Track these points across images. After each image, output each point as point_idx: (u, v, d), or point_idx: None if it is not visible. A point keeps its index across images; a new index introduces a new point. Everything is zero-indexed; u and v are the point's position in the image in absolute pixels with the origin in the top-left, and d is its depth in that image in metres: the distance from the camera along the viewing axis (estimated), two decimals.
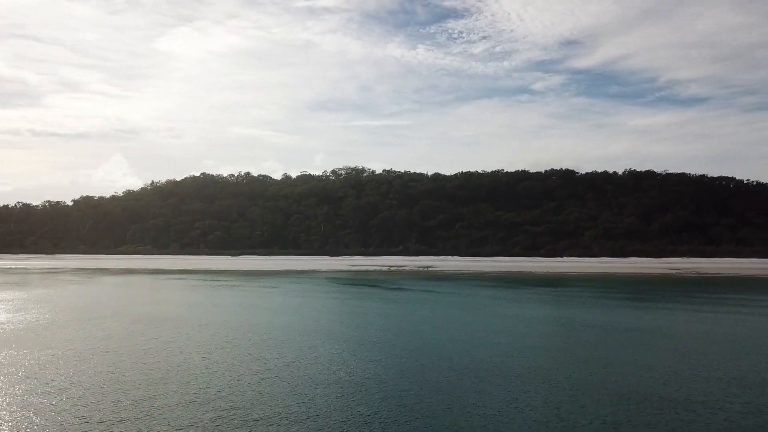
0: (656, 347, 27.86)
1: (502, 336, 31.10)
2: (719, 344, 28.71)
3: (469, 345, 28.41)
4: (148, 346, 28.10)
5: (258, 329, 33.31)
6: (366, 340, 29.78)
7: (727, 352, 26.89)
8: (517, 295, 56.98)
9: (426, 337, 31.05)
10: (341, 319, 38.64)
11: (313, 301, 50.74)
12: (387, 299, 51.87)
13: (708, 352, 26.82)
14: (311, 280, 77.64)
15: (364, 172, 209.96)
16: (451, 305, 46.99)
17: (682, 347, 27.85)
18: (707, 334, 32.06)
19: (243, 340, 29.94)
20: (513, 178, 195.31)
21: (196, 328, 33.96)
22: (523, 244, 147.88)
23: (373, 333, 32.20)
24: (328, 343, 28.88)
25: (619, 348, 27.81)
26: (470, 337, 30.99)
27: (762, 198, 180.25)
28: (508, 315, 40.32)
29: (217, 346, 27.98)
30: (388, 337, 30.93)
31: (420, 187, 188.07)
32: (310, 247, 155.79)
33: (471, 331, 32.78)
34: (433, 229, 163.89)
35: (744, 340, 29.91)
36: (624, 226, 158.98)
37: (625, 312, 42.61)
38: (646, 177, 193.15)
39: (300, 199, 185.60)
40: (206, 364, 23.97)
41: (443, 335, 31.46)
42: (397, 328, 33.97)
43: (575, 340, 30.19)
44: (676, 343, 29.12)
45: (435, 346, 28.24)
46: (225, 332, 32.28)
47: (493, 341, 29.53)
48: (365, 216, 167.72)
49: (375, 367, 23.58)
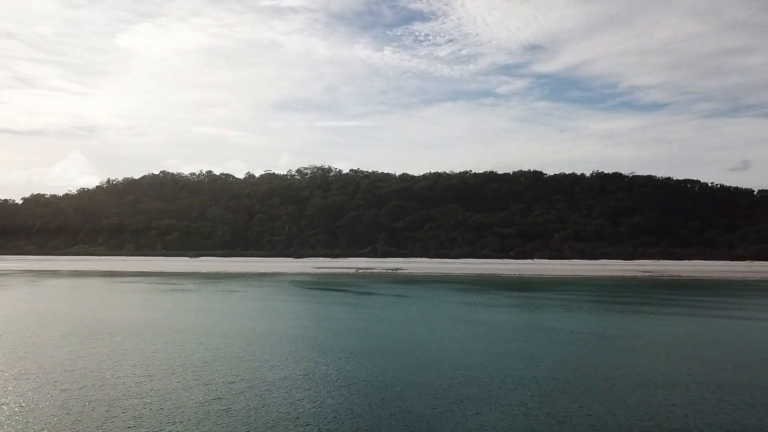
0: (647, 354, 24.41)
1: (475, 349, 27.24)
2: (705, 348, 25.46)
3: (447, 363, 24.44)
4: (72, 367, 23.21)
5: (208, 342, 28.65)
6: (332, 358, 25.50)
7: (714, 356, 23.58)
8: (490, 300, 53.38)
9: (398, 352, 26.94)
10: (303, 332, 34.18)
11: (272, 308, 46.11)
12: (355, 306, 47.61)
13: (692, 356, 23.47)
14: (273, 284, 72.74)
15: (331, 172, 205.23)
16: (423, 314, 43.01)
17: (667, 352, 24.46)
18: (694, 338, 28.87)
19: (190, 357, 25.30)
20: (481, 179, 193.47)
21: (135, 341, 29.07)
22: (492, 246, 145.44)
23: (338, 348, 27.93)
24: (290, 364, 24.47)
25: (607, 356, 24.24)
26: (446, 353, 27.02)
27: (726, 201, 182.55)
28: (482, 322, 36.58)
29: (159, 368, 23.26)
30: (355, 350, 26.73)
31: (388, 187, 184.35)
32: (273, 248, 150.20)
33: (450, 347, 28.80)
34: (402, 230, 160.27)
35: (730, 344, 26.77)
36: (593, 228, 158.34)
37: (611, 318, 39.39)
38: (613, 179, 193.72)
39: (263, 199, 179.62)
40: (141, 392, 19.31)
41: (417, 350, 27.40)
42: (366, 342, 29.79)
43: (561, 352, 26.53)
44: (663, 348, 25.75)
45: (410, 365, 24.16)
46: (171, 347, 27.51)
47: (468, 359, 25.62)
48: (332, 216, 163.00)
49: (342, 391, 19.34)
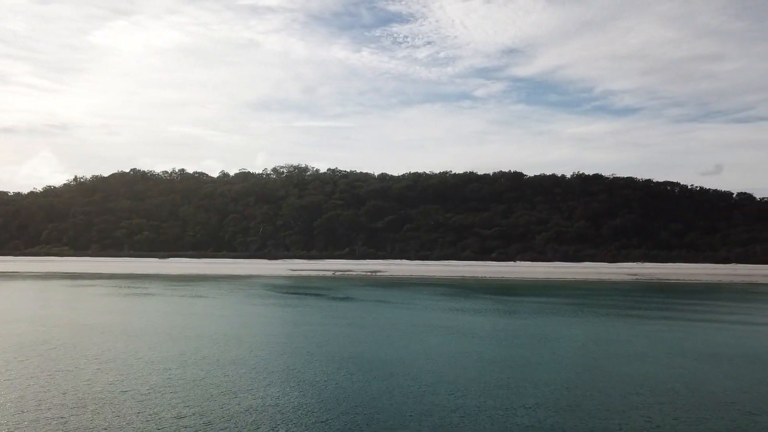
0: (661, 364, 20.23)
1: (473, 369, 22.77)
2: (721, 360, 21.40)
3: (444, 389, 19.88)
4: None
5: (161, 362, 23.65)
6: (306, 382, 20.76)
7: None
8: (477, 306, 49.04)
9: (384, 376, 22.32)
10: (274, 348, 29.33)
11: (240, 318, 41.16)
12: (331, 313, 42.87)
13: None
14: (244, 287, 67.57)
15: (308, 171, 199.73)
16: (407, 324, 38.44)
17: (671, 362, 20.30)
18: (703, 348, 24.86)
19: (135, 381, 20.32)
20: (461, 180, 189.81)
21: (72, 362, 23.95)
22: (473, 248, 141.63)
23: (314, 370, 23.20)
24: (257, 390, 19.63)
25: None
26: (442, 374, 22.47)
27: (705, 204, 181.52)
28: (473, 333, 32.18)
29: (94, 397, 18.25)
30: (333, 373, 22.03)
31: (367, 187, 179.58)
32: (246, 249, 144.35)
33: (444, 367, 24.26)
34: (381, 231, 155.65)
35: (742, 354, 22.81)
36: (575, 230, 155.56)
37: (613, 325, 35.32)
38: (593, 181, 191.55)
39: (237, 198, 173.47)
40: (77, 424, 14.39)
41: (407, 371, 22.81)
42: (346, 363, 25.09)
43: (564, 368, 22.17)
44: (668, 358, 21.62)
45: (400, 392, 19.54)
46: (113, 369, 22.47)
47: (469, 383, 21.11)
48: (308, 216, 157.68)
49: (311, 415, 14.69)
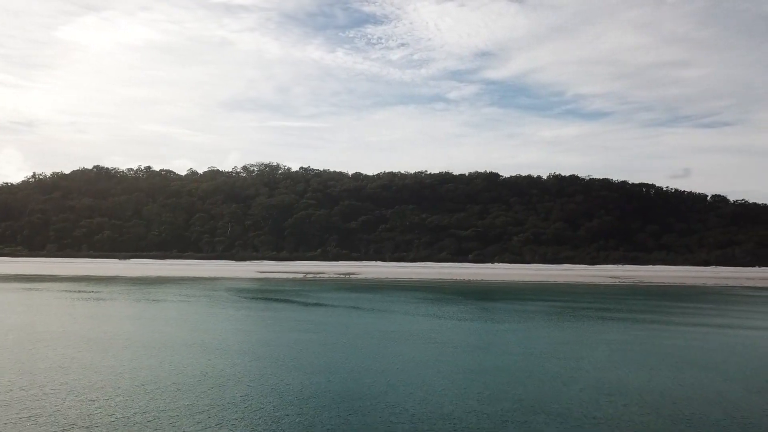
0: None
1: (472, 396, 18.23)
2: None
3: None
4: None
5: (90, 389, 18.45)
6: (267, 417, 15.90)
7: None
8: (459, 313, 44.60)
9: (362, 410, 17.59)
10: (227, 377, 24.30)
11: (195, 330, 35.92)
12: (300, 325, 37.93)
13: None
14: (207, 291, 62.04)
15: (279, 170, 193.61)
16: (386, 335, 33.72)
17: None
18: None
19: (51, 416, 15.21)
20: (437, 180, 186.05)
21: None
22: (450, 249, 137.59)
23: (275, 403, 18.32)
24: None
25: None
26: (432, 406, 17.83)
27: (681, 206, 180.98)
28: (463, 347, 27.65)
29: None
30: (297, 406, 17.21)
31: (340, 186, 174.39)
32: (213, 250, 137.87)
33: (434, 394, 19.61)
34: (355, 231, 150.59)
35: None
36: (552, 232, 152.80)
37: (612, 332, 31.20)
38: (569, 182, 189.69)
39: (205, 197, 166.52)
40: None
41: (388, 399, 18.10)
42: (315, 393, 20.26)
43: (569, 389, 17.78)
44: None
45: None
46: (34, 395, 17.25)
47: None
48: (279, 216, 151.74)
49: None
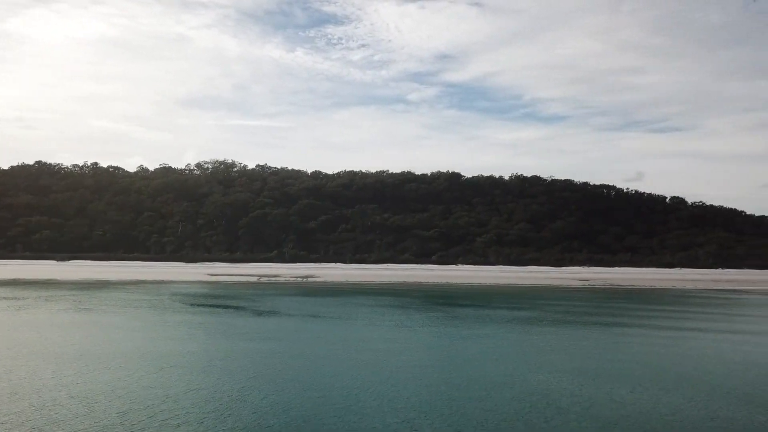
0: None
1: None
2: None
3: None
4: None
5: None
6: None
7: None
8: (430, 321, 39.61)
9: None
10: (149, 393, 18.49)
11: (121, 347, 29.72)
12: (248, 337, 32.14)
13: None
14: (149, 297, 55.31)
15: (235, 167, 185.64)
16: (351, 353, 28.30)
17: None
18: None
19: None
20: (398, 179, 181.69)
21: None
22: (413, 250, 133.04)
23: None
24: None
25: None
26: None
27: (642, 207, 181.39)
28: (440, 366, 22.61)
29: None
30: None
31: (299, 185, 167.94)
32: (162, 250, 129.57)
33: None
34: (314, 231, 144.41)
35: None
36: (515, 233, 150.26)
37: (603, 340, 26.65)
38: (532, 182, 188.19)
39: (155, 195, 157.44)
40: None
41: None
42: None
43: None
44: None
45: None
46: None
47: None
48: (233, 215, 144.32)
49: None
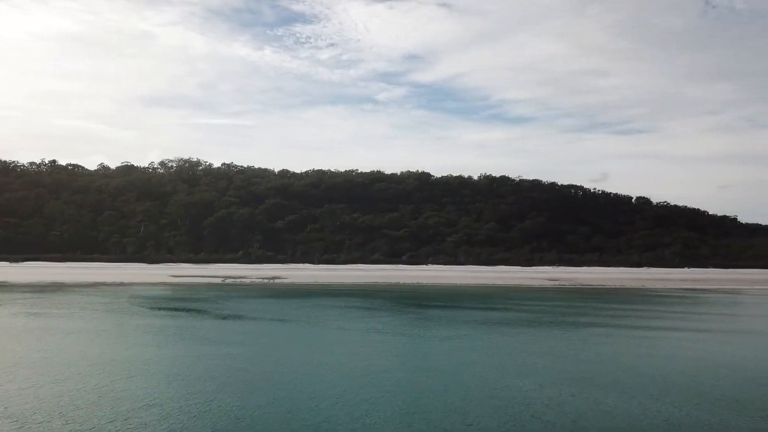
0: None
1: None
2: None
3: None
4: None
5: None
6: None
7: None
8: (403, 324, 38.13)
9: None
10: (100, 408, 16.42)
11: (69, 356, 27.35)
12: (209, 343, 30.06)
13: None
14: (106, 299, 52.45)
15: (200, 166, 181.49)
16: (321, 361, 26.53)
17: None
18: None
19: None
20: (368, 179, 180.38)
21: None
22: (383, 250, 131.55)
23: None
24: None
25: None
26: None
27: (609, 207, 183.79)
28: (415, 378, 21.14)
29: None
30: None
31: (266, 183, 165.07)
32: (123, 251, 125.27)
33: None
34: (281, 231, 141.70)
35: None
36: (485, 232, 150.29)
37: (595, 345, 25.55)
38: (500, 182, 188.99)
39: (116, 194, 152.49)
40: None
41: None
42: None
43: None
44: None
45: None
46: None
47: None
48: (198, 215, 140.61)
49: None
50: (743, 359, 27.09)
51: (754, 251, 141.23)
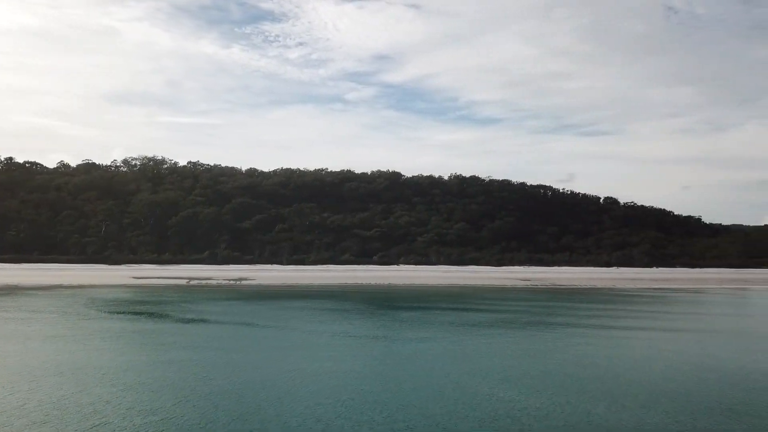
0: None
1: None
2: None
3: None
4: None
5: None
6: None
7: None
8: (377, 327, 36.55)
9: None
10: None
11: (25, 355, 24.96)
12: (169, 348, 27.93)
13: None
14: (63, 302, 49.47)
15: (165, 164, 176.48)
16: (289, 368, 24.73)
17: None
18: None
19: None
20: (338, 178, 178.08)
21: None
22: (353, 250, 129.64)
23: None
24: None
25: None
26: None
27: (576, 207, 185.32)
28: (388, 386, 19.60)
29: None
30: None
31: (233, 182, 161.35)
32: (83, 252, 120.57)
33: None
34: (249, 231, 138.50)
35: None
36: (455, 232, 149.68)
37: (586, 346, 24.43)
38: (471, 183, 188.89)
39: (77, 192, 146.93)
40: None
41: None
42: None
43: None
44: None
45: None
46: None
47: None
48: (162, 214, 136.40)
49: None
50: (720, 359, 26.28)
51: (718, 251, 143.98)
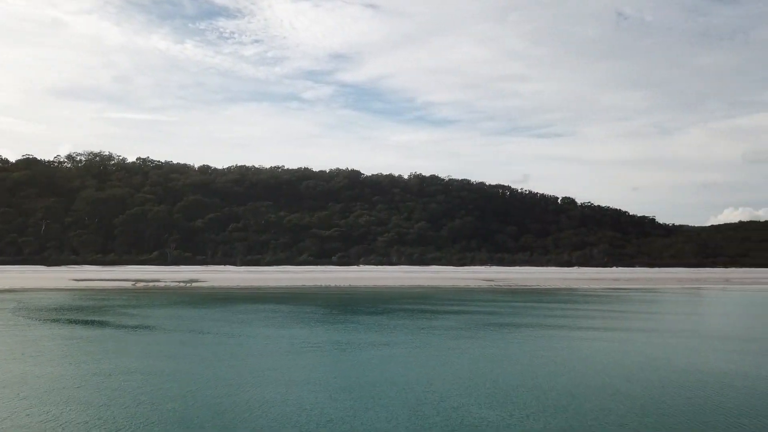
0: None
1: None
2: None
3: None
4: None
5: None
6: None
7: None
8: (339, 333, 33.22)
9: None
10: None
11: None
12: (105, 357, 23.92)
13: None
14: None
15: (112, 160, 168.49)
16: (241, 385, 21.09)
17: None
18: None
19: None
20: (295, 176, 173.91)
21: None
22: (311, 251, 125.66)
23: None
24: None
25: None
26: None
27: (535, 207, 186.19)
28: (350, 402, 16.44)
29: None
30: None
31: (184, 180, 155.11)
32: (19, 252, 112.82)
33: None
34: (200, 231, 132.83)
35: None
36: (415, 232, 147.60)
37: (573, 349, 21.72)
38: (430, 182, 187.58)
39: (15, 189, 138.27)
40: None
41: None
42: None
43: None
44: None
45: None
46: None
47: None
48: (108, 212, 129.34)
49: None
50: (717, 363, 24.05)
51: (674, 250, 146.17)
